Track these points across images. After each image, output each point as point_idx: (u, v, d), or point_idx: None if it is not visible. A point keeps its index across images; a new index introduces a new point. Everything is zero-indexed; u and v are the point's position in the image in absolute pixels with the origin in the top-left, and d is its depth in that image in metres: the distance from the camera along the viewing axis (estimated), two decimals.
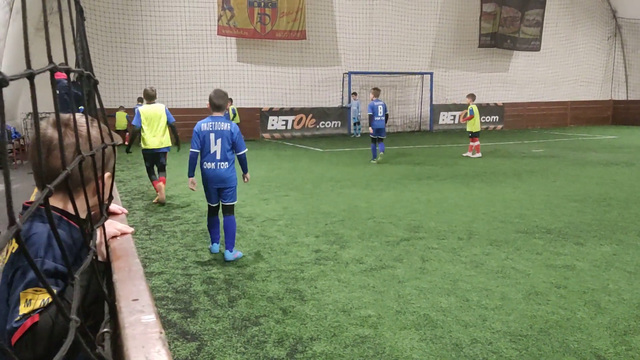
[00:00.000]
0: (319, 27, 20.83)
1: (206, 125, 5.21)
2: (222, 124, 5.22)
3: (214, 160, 5.19)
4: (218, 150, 5.18)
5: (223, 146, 5.18)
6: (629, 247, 5.45)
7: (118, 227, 1.23)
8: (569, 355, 3.20)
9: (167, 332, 3.59)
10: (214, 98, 5.23)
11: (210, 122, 5.22)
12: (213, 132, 5.19)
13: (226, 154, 5.20)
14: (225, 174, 5.21)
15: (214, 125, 5.20)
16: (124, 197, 8.69)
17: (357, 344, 3.39)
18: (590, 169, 11.15)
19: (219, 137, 5.18)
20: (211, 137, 5.19)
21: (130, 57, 18.38)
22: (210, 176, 5.22)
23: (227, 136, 5.20)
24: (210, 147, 5.19)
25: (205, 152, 5.21)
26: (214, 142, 5.18)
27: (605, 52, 26.21)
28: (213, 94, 5.26)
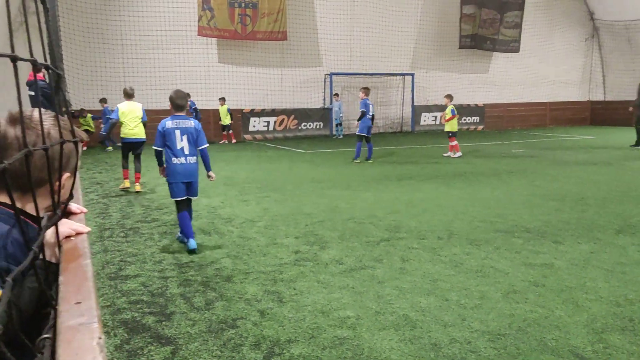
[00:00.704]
0: (300, 28, 20.80)
1: (171, 123, 5.48)
2: (186, 121, 5.53)
3: (183, 156, 5.47)
4: (185, 146, 5.46)
5: (189, 142, 5.48)
6: (606, 245, 5.51)
7: (73, 227, 1.16)
8: (546, 354, 3.20)
9: (140, 336, 3.51)
10: (176, 99, 5.50)
11: (174, 120, 5.49)
12: (178, 129, 5.47)
13: (193, 149, 5.51)
14: (194, 168, 5.54)
15: (178, 123, 5.48)
16: (102, 198, 8.55)
17: (336, 346, 3.35)
18: (569, 168, 11.29)
19: (184, 133, 5.46)
20: (177, 134, 5.45)
21: (109, 58, 18.13)
22: (180, 171, 5.46)
23: (192, 132, 5.49)
24: (177, 144, 5.44)
25: (172, 149, 5.45)
26: (179, 138, 5.45)
27: (582, 54, 26.64)
28: (174, 94, 5.54)
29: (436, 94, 23.83)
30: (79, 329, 0.68)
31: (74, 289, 0.81)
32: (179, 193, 5.51)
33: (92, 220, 7.02)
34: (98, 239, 6.07)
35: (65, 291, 0.81)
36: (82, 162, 13.32)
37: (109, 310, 3.96)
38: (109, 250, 5.57)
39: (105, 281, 4.61)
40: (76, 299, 0.77)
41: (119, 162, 13.25)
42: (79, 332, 0.67)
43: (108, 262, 5.18)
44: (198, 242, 5.86)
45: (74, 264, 0.97)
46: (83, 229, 1.17)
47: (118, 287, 4.45)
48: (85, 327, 0.69)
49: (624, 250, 5.30)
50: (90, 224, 6.64)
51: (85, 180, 10.48)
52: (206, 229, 6.44)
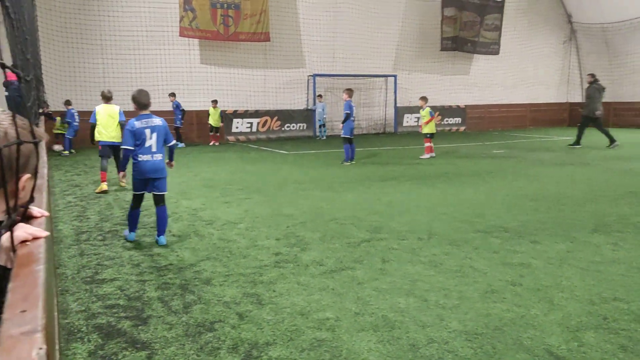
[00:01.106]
0: (283, 30, 20.76)
1: (139, 123, 5.66)
2: (155, 119, 5.74)
3: (149, 153, 5.68)
4: (154, 143, 5.68)
5: (158, 140, 5.70)
6: (581, 244, 5.58)
7: (30, 231, 1.13)
8: (522, 352, 3.23)
9: (115, 341, 3.46)
10: (140, 98, 5.70)
11: (143, 119, 5.68)
12: (148, 127, 5.67)
13: (161, 147, 5.75)
14: (161, 164, 5.77)
15: (147, 122, 5.68)
16: (80, 201, 8.42)
17: (314, 348, 3.34)
18: (547, 169, 11.43)
19: (154, 131, 5.67)
20: (147, 132, 5.66)
21: (88, 58, 17.88)
22: (146, 167, 5.68)
23: (161, 130, 5.73)
24: (146, 142, 5.65)
25: (141, 147, 5.65)
26: (149, 136, 5.66)
27: (561, 56, 27.03)
28: (137, 94, 5.72)
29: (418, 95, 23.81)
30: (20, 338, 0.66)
31: (22, 297, 0.79)
32: (140, 187, 5.80)
33: (69, 223, 6.91)
34: (74, 242, 5.98)
35: (12, 299, 0.78)
36: (61, 164, 13.12)
37: (83, 315, 3.89)
38: (85, 254, 5.49)
39: (80, 285, 4.54)
40: (22, 307, 0.75)
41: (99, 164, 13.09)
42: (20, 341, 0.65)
43: (84, 265, 5.10)
44: (178, 243, 5.81)
45: (26, 270, 0.94)
46: (40, 233, 1.14)
47: (94, 291, 4.38)
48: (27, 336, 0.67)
49: (599, 249, 5.38)
50: (67, 227, 6.56)
51: (63, 183, 10.32)
52: (186, 232, 6.38)
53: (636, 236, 5.86)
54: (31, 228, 1.14)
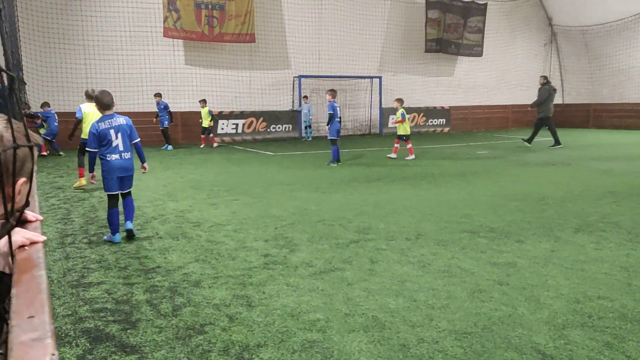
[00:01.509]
0: (268, 31, 20.73)
1: (104, 124, 5.76)
2: (118, 119, 5.83)
3: (117, 153, 5.79)
4: (120, 143, 5.78)
5: (124, 139, 5.81)
6: (565, 243, 5.67)
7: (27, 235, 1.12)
8: (510, 351, 3.27)
9: (104, 345, 3.42)
10: (102, 98, 5.77)
11: (106, 120, 5.78)
12: (112, 128, 5.77)
13: (128, 145, 5.86)
14: (129, 163, 5.91)
15: (111, 122, 5.78)
16: (63, 203, 8.31)
17: (305, 349, 3.34)
18: (530, 169, 11.59)
19: (118, 131, 5.78)
20: (111, 133, 5.76)
21: (71, 59, 17.67)
22: (115, 166, 5.80)
23: (126, 129, 5.83)
24: (113, 142, 5.76)
25: (109, 147, 5.76)
26: (114, 136, 5.76)
27: (542, 58, 27.41)
28: (100, 94, 5.78)
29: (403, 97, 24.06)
30: (32, 344, 0.66)
31: (27, 302, 0.79)
32: (113, 187, 5.89)
33: (53, 226, 6.82)
34: (59, 245, 5.90)
35: (18, 304, 0.78)
36: (43, 166, 12.93)
37: (71, 319, 3.85)
38: (70, 257, 5.42)
39: (66, 289, 4.48)
40: (29, 313, 0.75)
41: None
42: (32, 348, 0.65)
43: (70, 269, 5.04)
44: (166, 247, 5.77)
45: (27, 275, 0.93)
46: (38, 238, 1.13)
47: (80, 295, 4.33)
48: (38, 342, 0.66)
49: (583, 248, 5.47)
50: (51, 230, 6.47)
51: (46, 185, 10.18)
52: (174, 234, 6.34)
53: (618, 235, 5.97)
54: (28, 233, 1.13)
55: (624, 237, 5.87)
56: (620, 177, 10.19)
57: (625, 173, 10.73)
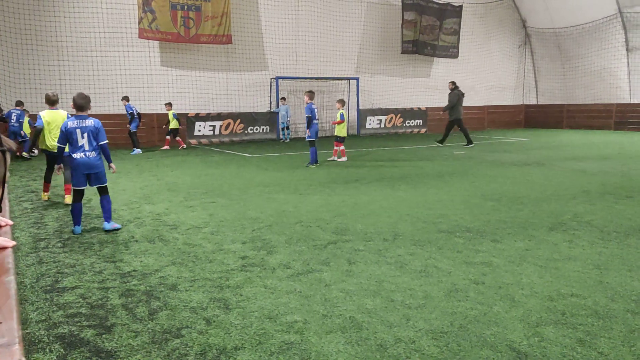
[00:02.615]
0: (245, 32, 20.65)
1: (72, 123, 6.24)
2: (87, 120, 6.28)
3: (82, 151, 6.24)
4: (85, 142, 6.22)
5: (89, 139, 6.23)
6: (540, 242, 5.78)
7: None
8: (486, 349, 3.32)
9: (78, 351, 3.37)
10: (77, 100, 6.28)
11: (75, 120, 6.26)
12: (79, 128, 6.23)
13: (93, 145, 6.27)
14: (94, 161, 6.29)
15: (79, 123, 6.25)
16: (37, 207, 8.15)
17: (283, 351, 3.34)
18: (506, 169, 11.77)
19: (84, 131, 6.22)
20: (78, 132, 6.21)
21: (44, 60, 17.34)
22: (80, 164, 6.23)
23: (92, 130, 6.25)
24: (78, 141, 6.21)
25: (74, 146, 6.22)
26: (80, 136, 6.21)
27: (516, 60, 27.89)
28: (76, 96, 6.29)
29: (381, 98, 24.29)
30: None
31: None
32: (80, 183, 6.33)
33: (26, 230, 6.68)
34: (32, 250, 5.78)
35: None
36: (16, 170, 12.64)
37: (44, 325, 3.77)
38: (44, 262, 5.32)
39: (40, 294, 4.40)
40: None
41: None
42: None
43: (43, 274, 4.94)
44: (142, 250, 5.71)
45: None
46: (7, 243, 1.11)
47: (54, 300, 4.25)
48: (5, 349, 0.66)
49: (556, 247, 5.58)
50: (24, 235, 6.34)
51: (18, 189, 9.96)
52: (150, 237, 6.27)
53: (590, 234, 6.11)
54: None
55: (596, 236, 6.01)
56: (593, 177, 10.43)
57: (598, 173, 10.99)
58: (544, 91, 27.87)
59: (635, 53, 23.39)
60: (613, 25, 23.69)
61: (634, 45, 23.37)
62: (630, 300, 4.07)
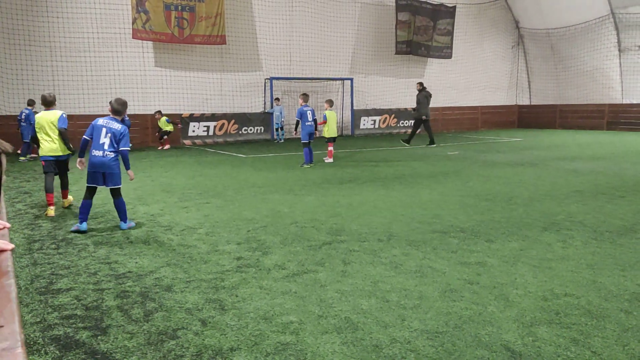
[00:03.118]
0: (239, 33, 20.63)
1: (102, 121, 6.53)
2: (116, 124, 6.54)
3: (102, 149, 6.44)
4: (107, 142, 6.44)
5: (111, 140, 6.46)
6: (533, 242, 5.82)
7: None
8: (480, 349, 3.34)
9: (74, 353, 3.36)
10: (114, 104, 6.64)
11: (106, 119, 6.55)
12: (105, 127, 6.47)
13: (113, 147, 6.47)
14: (110, 161, 6.47)
15: (108, 123, 6.51)
16: (30, 208, 8.11)
17: (279, 352, 3.35)
18: (499, 169, 11.83)
19: (109, 132, 6.46)
20: (103, 130, 6.44)
21: (37, 61, 17.25)
22: (97, 162, 6.42)
23: (116, 133, 6.48)
24: (100, 139, 6.42)
25: (95, 142, 6.41)
26: (104, 135, 6.43)
27: (509, 60, 28.02)
28: (114, 101, 6.67)
29: (375, 98, 24.33)
30: (2, 354, 0.65)
31: None
32: (95, 181, 6.49)
33: (19, 231, 6.64)
34: (26, 251, 5.76)
35: None
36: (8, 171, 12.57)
37: (39, 326, 3.76)
38: (38, 263, 5.30)
39: (34, 296, 4.38)
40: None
41: None
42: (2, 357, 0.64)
43: (38, 275, 4.92)
44: (137, 251, 5.69)
45: None
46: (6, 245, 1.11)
47: (49, 302, 4.24)
48: (8, 352, 0.66)
49: (550, 247, 5.62)
50: (18, 236, 6.31)
51: (12, 190, 9.90)
52: (145, 238, 6.25)
53: (583, 234, 6.15)
54: None
55: (589, 236, 6.06)
56: (585, 177, 10.50)
57: (591, 172, 11.06)
58: (537, 91, 28.01)
59: (628, 53, 23.56)
60: (605, 26, 23.85)
61: (626, 45, 23.54)
62: (624, 300, 4.11)
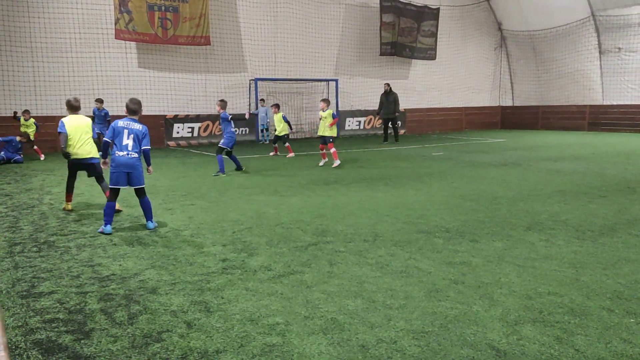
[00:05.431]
0: (223, 33, 20.54)
1: (122, 123, 6.63)
2: (136, 124, 6.66)
3: (125, 150, 6.56)
4: (129, 143, 6.57)
5: (134, 141, 6.59)
6: (517, 241, 5.88)
7: None
8: (466, 348, 3.36)
9: (56, 357, 3.31)
10: (130, 105, 6.74)
11: (126, 121, 6.66)
12: (127, 129, 6.59)
13: (136, 147, 6.61)
14: (134, 161, 6.60)
15: (128, 124, 6.62)
16: (11, 211, 7.97)
17: (265, 353, 3.33)
18: (483, 170, 11.94)
19: (131, 133, 6.58)
20: (125, 132, 6.57)
21: (17, 62, 16.98)
22: (122, 162, 6.53)
23: (138, 134, 6.62)
24: (123, 140, 6.55)
25: (119, 144, 6.54)
26: (126, 136, 6.56)
27: (492, 62, 28.31)
28: (129, 101, 6.77)
29: (360, 100, 24.39)
30: None
31: None
32: (120, 182, 6.56)
33: (0, 234, 6.53)
34: (7, 254, 5.66)
35: None
36: None
37: (21, 330, 3.70)
38: (20, 267, 5.21)
39: (16, 300, 4.30)
40: None
41: (29, 172, 12.45)
42: None
43: (19, 279, 4.84)
44: (120, 253, 5.63)
45: None
46: None
47: (31, 306, 4.17)
48: None
49: (533, 246, 5.68)
50: None
51: None
52: (129, 240, 6.19)
53: (566, 233, 6.24)
54: None
55: (572, 235, 6.14)
56: (568, 177, 10.64)
57: (573, 172, 11.22)
58: (520, 93, 28.34)
59: (608, 55, 23.95)
60: (586, 28, 24.22)
61: (606, 47, 23.93)
62: (606, 298, 4.17)
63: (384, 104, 20.27)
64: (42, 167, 13.70)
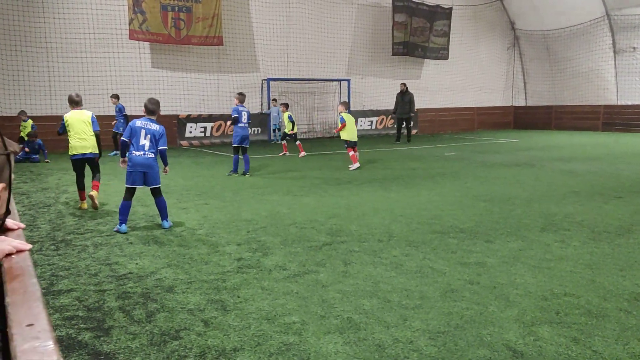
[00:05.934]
0: (236, 34, 20.62)
1: (140, 123, 6.70)
2: (153, 124, 6.72)
3: (142, 150, 6.62)
4: (146, 143, 6.62)
5: (151, 141, 6.64)
6: (532, 242, 5.85)
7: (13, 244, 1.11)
8: (482, 348, 3.36)
9: (77, 354, 3.36)
10: (148, 105, 6.82)
11: (144, 121, 6.72)
12: (144, 129, 6.65)
13: (152, 147, 6.66)
14: (151, 161, 6.65)
15: (146, 125, 6.69)
16: (28, 210, 8.09)
17: (282, 352, 3.36)
18: (496, 170, 11.87)
19: (148, 133, 6.64)
20: (142, 132, 6.62)
21: (33, 62, 17.18)
22: (138, 162, 6.58)
23: (155, 134, 6.67)
24: (140, 140, 6.61)
25: (136, 144, 6.60)
26: (143, 137, 6.62)
27: (505, 62, 28.11)
28: (147, 101, 6.88)
29: (372, 100, 24.36)
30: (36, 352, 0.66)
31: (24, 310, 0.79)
32: (136, 181, 6.61)
33: None
34: None
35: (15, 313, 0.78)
36: None
37: None
38: (38, 265, 5.29)
39: None
40: (28, 321, 0.75)
41: (45, 172, 12.61)
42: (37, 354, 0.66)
43: (38, 276, 4.83)
44: (137, 252, 5.70)
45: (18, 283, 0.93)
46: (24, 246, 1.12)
47: (50, 303, 4.23)
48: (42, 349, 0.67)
49: (548, 247, 5.65)
50: None
51: None
52: (145, 239, 6.25)
53: (581, 234, 6.19)
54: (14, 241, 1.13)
55: (587, 236, 6.09)
56: (582, 177, 10.55)
57: (587, 173, 11.12)
58: (533, 93, 28.11)
59: (622, 55, 23.68)
60: (600, 28, 23.96)
61: (621, 47, 23.66)
62: (623, 299, 4.14)
63: (399, 104, 20.53)
64: (57, 166, 13.87)
